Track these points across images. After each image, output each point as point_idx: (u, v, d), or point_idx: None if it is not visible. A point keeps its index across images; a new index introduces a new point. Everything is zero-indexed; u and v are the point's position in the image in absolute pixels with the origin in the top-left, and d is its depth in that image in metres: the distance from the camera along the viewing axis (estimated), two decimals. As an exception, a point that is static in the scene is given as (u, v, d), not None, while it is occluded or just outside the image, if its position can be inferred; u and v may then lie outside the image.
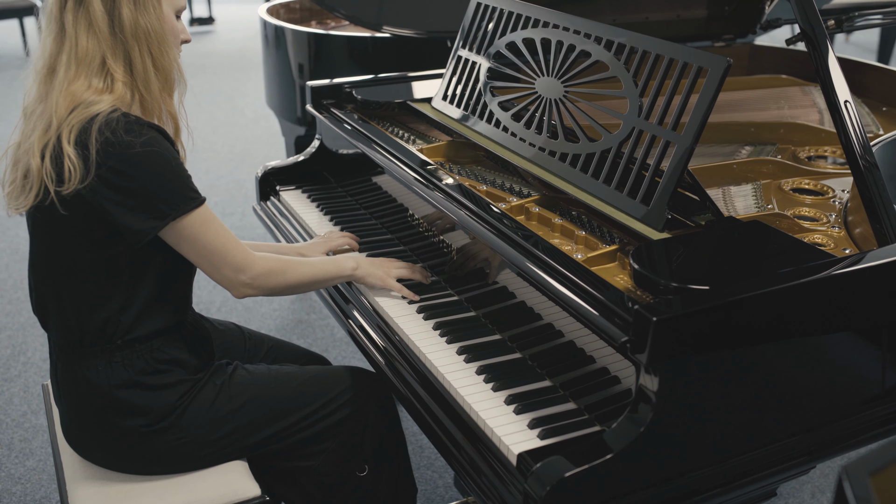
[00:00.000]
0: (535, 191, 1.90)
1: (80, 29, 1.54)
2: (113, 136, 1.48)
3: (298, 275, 1.75)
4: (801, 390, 1.48)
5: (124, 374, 1.62)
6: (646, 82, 1.70)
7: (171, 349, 1.67)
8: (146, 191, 1.51)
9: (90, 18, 1.53)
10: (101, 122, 1.49)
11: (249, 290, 1.68)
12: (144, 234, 1.53)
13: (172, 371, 1.66)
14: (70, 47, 1.54)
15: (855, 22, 2.74)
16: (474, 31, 2.18)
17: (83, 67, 1.54)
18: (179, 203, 1.54)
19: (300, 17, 4.13)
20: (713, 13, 2.88)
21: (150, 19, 1.56)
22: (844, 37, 8.54)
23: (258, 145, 5.47)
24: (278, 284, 1.72)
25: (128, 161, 1.49)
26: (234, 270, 1.64)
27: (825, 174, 2.10)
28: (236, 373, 1.75)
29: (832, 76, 1.64)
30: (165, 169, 1.53)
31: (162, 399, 1.64)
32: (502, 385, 1.55)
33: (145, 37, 1.56)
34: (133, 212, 1.51)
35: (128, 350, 1.63)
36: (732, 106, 2.57)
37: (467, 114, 2.12)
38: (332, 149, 2.47)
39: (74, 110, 1.50)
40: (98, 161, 1.48)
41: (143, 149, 1.49)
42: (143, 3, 1.55)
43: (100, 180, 1.49)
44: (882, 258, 1.46)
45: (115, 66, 1.55)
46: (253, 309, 3.47)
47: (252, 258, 1.66)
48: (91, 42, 1.54)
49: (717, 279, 1.37)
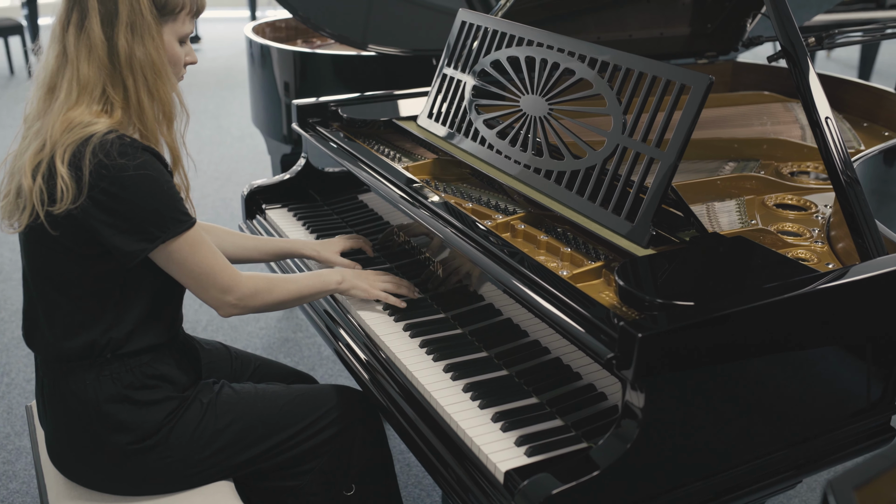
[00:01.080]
0: (520, 208, 1.91)
1: (81, 55, 1.54)
2: (106, 159, 1.48)
3: (284, 292, 1.76)
4: (788, 405, 1.49)
5: (112, 388, 1.62)
6: (629, 99, 1.71)
7: (160, 365, 1.66)
8: (137, 214, 1.51)
9: (90, 45, 1.54)
10: (96, 143, 1.49)
11: (235, 311, 1.69)
12: (134, 255, 1.53)
13: (161, 387, 1.66)
14: (72, 72, 1.54)
15: (835, 39, 2.77)
16: (459, 49, 2.19)
17: (85, 94, 1.54)
18: (170, 226, 1.54)
19: (286, 36, 4.14)
20: (696, 31, 2.91)
21: (146, 50, 1.55)
22: (826, 53, 8.63)
23: (244, 164, 5.47)
24: (264, 303, 1.73)
25: (120, 183, 1.49)
26: (222, 291, 1.64)
27: (808, 190, 2.11)
28: (223, 392, 1.74)
29: (813, 93, 1.65)
30: (157, 192, 1.53)
31: (149, 416, 1.64)
32: (489, 402, 1.55)
33: (140, 67, 1.55)
34: (124, 234, 1.52)
35: (117, 364, 1.62)
36: (716, 122, 2.59)
37: (453, 131, 2.13)
38: (318, 167, 2.47)
39: (70, 131, 1.50)
40: (91, 182, 1.48)
41: (135, 172, 1.49)
42: (140, 34, 1.54)
43: (92, 202, 1.49)
44: (865, 273, 1.47)
45: (114, 94, 1.56)
46: (239, 328, 3.46)
47: (239, 279, 1.66)
48: (92, 70, 1.54)
49: (701, 295, 1.38)
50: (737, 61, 3.14)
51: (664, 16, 2.83)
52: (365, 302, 1.92)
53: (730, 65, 3.11)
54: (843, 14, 6.30)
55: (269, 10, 10.31)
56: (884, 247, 1.56)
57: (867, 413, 1.60)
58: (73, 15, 1.55)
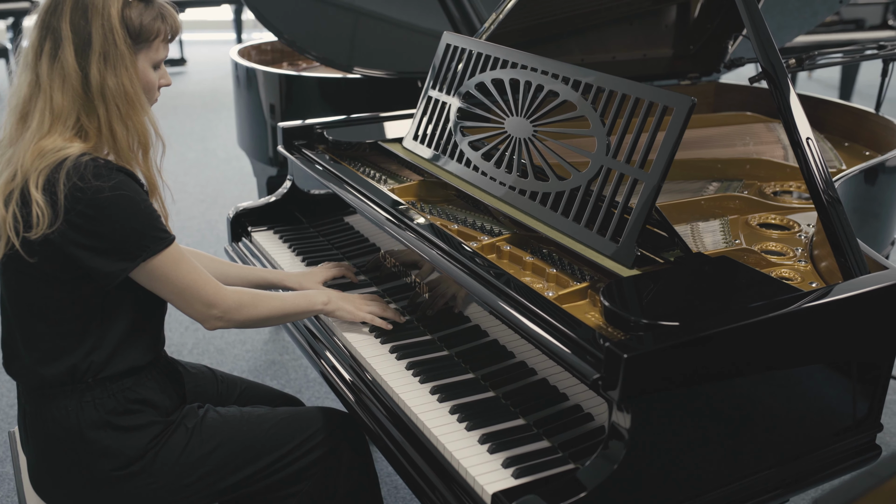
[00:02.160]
0: (506, 229, 1.91)
1: (54, 84, 1.53)
2: (81, 181, 1.48)
3: (269, 308, 1.76)
4: (775, 423, 1.49)
5: (95, 414, 1.60)
6: (613, 121, 1.72)
7: (142, 389, 1.65)
8: (116, 234, 1.51)
9: (64, 74, 1.53)
10: (70, 166, 1.48)
11: (220, 323, 1.68)
12: (115, 276, 1.53)
13: (144, 412, 1.65)
14: (45, 101, 1.54)
15: (816, 60, 2.80)
16: (444, 71, 2.20)
17: (58, 123, 1.54)
18: (150, 244, 1.54)
19: (271, 59, 4.15)
20: (678, 52, 2.94)
21: (119, 80, 1.55)
22: (807, 73, 8.73)
23: (230, 186, 5.46)
24: (249, 317, 1.72)
25: (97, 205, 1.49)
26: (206, 305, 1.64)
27: (791, 209, 2.13)
28: (208, 415, 1.73)
29: (794, 114, 1.67)
30: (135, 211, 1.53)
31: (133, 441, 1.62)
32: (476, 424, 1.55)
33: (112, 97, 1.55)
34: (103, 255, 1.51)
35: (99, 389, 1.61)
36: (699, 143, 2.61)
37: (438, 153, 2.14)
38: (304, 189, 2.47)
39: (42, 157, 1.50)
40: (66, 206, 1.48)
41: (111, 192, 1.49)
42: (113, 63, 1.54)
43: (68, 225, 1.49)
44: (847, 291, 1.48)
45: (88, 123, 1.56)
46: (226, 350, 3.44)
47: (223, 292, 1.66)
48: (66, 99, 1.53)
49: (686, 315, 1.38)
50: (719, 82, 3.18)
51: (647, 38, 2.85)
52: (351, 323, 1.91)
53: (712, 86, 3.14)
54: (824, 35, 6.39)
55: (256, 33, 10.33)
56: (866, 265, 1.58)
57: (853, 431, 1.60)
58: (47, 43, 1.55)
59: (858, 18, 6.62)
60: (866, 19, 6.63)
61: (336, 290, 1.93)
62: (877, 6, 6.64)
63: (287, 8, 3.16)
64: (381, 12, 3.29)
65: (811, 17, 3.10)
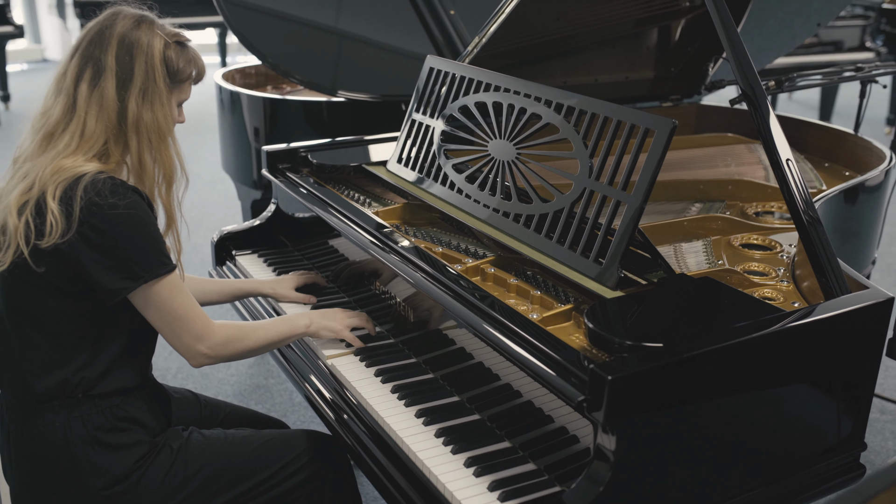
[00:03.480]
0: (490, 251, 1.92)
1: (91, 110, 1.60)
2: (98, 197, 1.53)
3: (255, 339, 1.77)
4: (759, 443, 1.50)
5: (82, 430, 1.60)
6: (595, 143, 1.73)
7: (131, 407, 1.66)
8: (124, 252, 1.55)
9: (102, 103, 1.60)
10: (87, 181, 1.54)
11: (207, 360, 1.69)
12: (117, 293, 1.57)
13: (132, 430, 1.65)
14: (78, 125, 1.60)
15: (795, 82, 2.84)
16: (428, 94, 2.21)
17: (84, 146, 1.60)
18: (153, 267, 1.58)
19: (256, 82, 4.15)
20: (660, 75, 2.97)
21: (154, 115, 1.64)
22: (788, 95, 8.82)
23: (214, 209, 5.45)
24: (236, 351, 1.73)
25: (109, 221, 1.53)
26: (194, 339, 1.65)
27: (773, 229, 2.15)
28: (192, 437, 1.73)
29: (773, 135, 1.69)
30: (144, 232, 1.57)
31: (120, 460, 1.62)
32: (461, 447, 1.54)
33: (146, 131, 1.63)
34: (108, 270, 1.55)
35: (88, 405, 1.62)
36: (682, 164, 2.63)
37: (422, 176, 2.15)
38: (289, 213, 2.47)
39: (60, 172, 1.55)
40: (81, 218, 1.52)
41: (125, 210, 1.54)
42: (150, 100, 1.63)
43: (80, 237, 1.53)
44: (828, 311, 1.49)
45: (114, 149, 1.63)
46: (210, 375, 3.42)
47: (212, 328, 1.67)
48: (99, 126, 1.60)
49: (670, 336, 1.39)
50: (701, 104, 3.21)
51: (629, 60, 2.88)
52: (335, 346, 1.91)
53: (694, 107, 3.17)
54: (804, 57, 6.47)
55: (240, 56, 10.36)
56: (847, 285, 1.59)
57: (838, 450, 1.61)
58: (87, 71, 1.61)
59: (837, 40, 6.71)
60: (844, 41, 6.73)
61: (316, 311, 1.94)
62: (854, 28, 6.74)
63: (271, 31, 3.17)
64: (365, 35, 3.31)
65: (790, 39, 3.13)
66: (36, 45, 10.90)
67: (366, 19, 3.32)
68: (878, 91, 3.09)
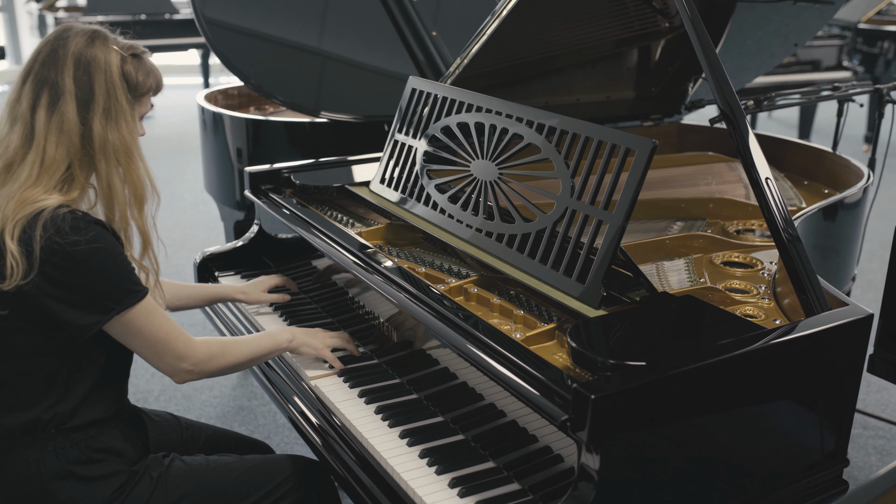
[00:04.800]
0: (473, 271, 1.92)
1: (50, 136, 1.55)
2: (57, 234, 1.48)
3: (237, 355, 1.76)
4: (743, 461, 1.50)
5: (57, 464, 1.58)
6: (577, 163, 1.74)
7: (105, 437, 1.64)
8: (90, 287, 1.52)
9: (62, 128, 1.55)
10: (47, 218, 1.49)
11: (191, 377, 1.69)
12: (88, 329, 1.53)
13: (107, 460, 1.62)
14: (38, 153, 1.54)
15: (774, 101, 2.87)
16: (410, 115, 2.22)
17: (45, 174, 1.54)
18: (124, 298, 1.55)
19: (238, 104, 4.16)
20: (640, 94, 2.99)
21: (120, 135, 1.59)
22: (767, 113, 8.91)
23: (197, 230, 5.44)
24: (219, 367, 1.73)
25: (72, 258, 1.49)
26: (177, 358, 1.64)
27: (753, 247, 2.16)
28: (173, 465, 1.71)
29: (752, 154, 1.70)
30: (110, 265, 1.53)
31: (97, 492, 1.59)
32: (446, 468, 1.54)
33: (114, 152, 1.58)
34: (76, 308, 1.51)
35: (62, 439, 1.59)
36: (663, 183, 2.65)
37: (405, 196, 2.15)
38: (271, 233, 2.46)
39: (22, 207, 1.50)
40: (42, 258, 1.47)
41: (88, 245, 1.49)
42: (115, 119, 1.58)
43: (43, 277, 1.49)
44: (810, 328, 1.50)
45: (79, 174, 1.57)
46: (193, 397, 3.39)
47: (193, 345, 1.67)
48: (60, 152, 1.55)
49: (653, 354, 1.39)
50: (682, 123, 3.23)
51: (610, 80, 2.91)
52: (319, 367, 1.90)
53: (675, 126, 3.19)
54: (782, 76, 6.55)
55: (223, 77, 10.36)
56: (827, 302, 1.60)
57: (821, 466, 1.61)
58: (44, 95, 1.56)
59: (815, 60, 6.81)
60: (822, 60, 6.82)
61: (299, 328, 1.93)
62: (831, 48, 6.85)
63: (253, 53, 3.18)
64: (348, 57, 3.32)
65: (769, 58, 3.17)
66: (17, 66, 10.88)
67: (348, 40, 3.34)
68: (856, 109, 3.13)
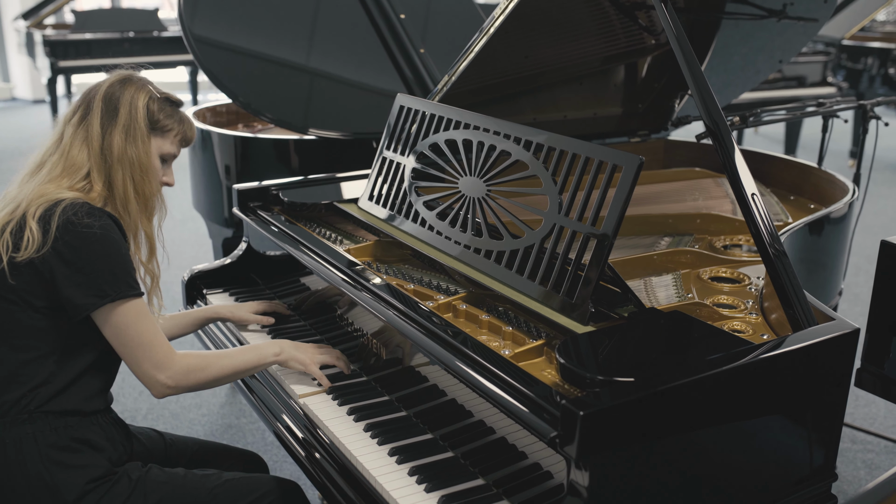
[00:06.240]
0: (462, 288, 1.92)
1: (75, 141, 1.73)
2: (74, 216, 1.62)
3: (219, 369, 1.77)
4: (733, 476, 1.50)
5: (32, 446, 1.61)
6: (564, 179, 1.75)
7: (86, 431, 1.67)
8: (93, 269, 1.61)
9: (87, 135, 1.73)
10: (67, 204, 1.64)
11: (168, 391, 1.70)
12: (84, 308, 1.62)
13: (84, 451, 1.65)
14: (62, 153, 1.73)
15: (760, 117, 2.89)
16: (398, 132, 2.23)
17: (67, 172, 1.71)
18: (121, 287, 1.63)
19: (227, 121, 4.16)
20: (628, 111, 3.01)
21: (137, 151, 1.74)
22: (754, 129, 8.98)
23: (185, 248, 5.42)
24: (199, 381, 1.74)
25: (83, 238, 1.61)
26: (155, 367, 1.67)
27: (741, 262, 2.17)
28: (151, 472, 1.73)
29: (738, 170, 1.72)
30: (115, 253, 1.64)
31: (73, 478, 1.62)
32: (435, 485, 1.53)
33: (129, 164, 1.74)
34: (78, 286, 1.61)
35: (40, 422, 1.63)
36: (650, 199, 2.66)
37: (393, 213, 2.15)
38: (260, 251, 2.46)
39: (43, 196, 1.64)
40: (56, 235, 1.61)
41: (99, 231, 1.62)
42: (132, 136, 1.74)
43: (54, 252, 1.61)
44: (797, 343, 1.51)
45: (97, 180, 1.72)
46: (180, 415, 3.38)
47: (173, 357, 1.69)
48: (81, 155, 1.72)
49: (642, 370, 1.39)
50: (668, 139, 3.25)
51: (597, 97, 2.92)
52: (308, 384, 1.89)
53: (662, 142, 3.21)
54: (768, 92, 6.61)
55: (211, 94, 10.37)
56: (813, 317, 1.61)
57: (810, 481, 1.62)
58: (80, 111, 1.76)
59: (800, 76, 6.87)
60: (807, 76, 6.89)
61: (287, 340, 1.93)
62: (816, 64, 6.92)
63: (241, 70, 3.18)
64: (336, 74, 3.33)
65: (754, 75, 3.20)
66: (5, 83, 10.86)
67: (336, 58, 3.35)
68: (841, 125, 3.16)
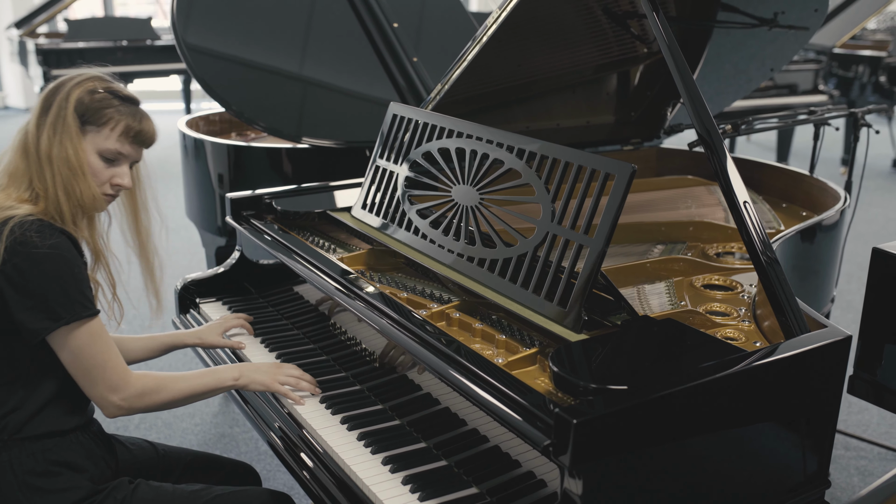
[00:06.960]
0: (455, 296, 1.92)
1: (17, 146, 1.67)
2: (22, 237, 1.55)
3: (174, 392, 1.73)
4: (726, 483, 1.50)
5: (10, 476, 1.58)
6: (557, 188, 1.76)
7: (65, 452, 1.64)
8: (44, 291, 1.56)
9: (25, 139, 1.67)
10: (15, 223, 1.56)
11: (120, 412, 1.67)
12: (37, 333, 1.57)
13: (64, 474, 1.62)
14: (7, 161, 1.68)
15: (752, 126, 2.90)
16: (391, 141, 2.23)
17: (13, 182, 1.65)
18: (75, 308, 1.58)
19: (220, 129, 4.16)
20: (620, 119, 3.02)
21: (63, 148, 1.64)
22: (746, 137, 9.01)
23: (178, 256, 5.41)
24: (153, 402, 1.71)
25: (31, 260, 1.55)
26: (109, 389, 1.64)
27: (733, 270, 2.18)
28: (139, 489, 1.71)
29: (731, 179, 1.72)
30: (66, 273, 1.57)
31: None
32: (429, 494, 1.53)
33: (57, 164, 1.64)
34: (29, 310, 1.56)
35: (16, 449, 1.60)
36: (643, 206, 2.67)
37: (387, 222, 2.15)
38: (253, 259, 2.46)
39: None
40: (4, 258, 1.54)
41: (49, 251, 1.55)
42: (59, 134, 1.65)
43: (3, 276, 1.54)
44: (789, 350, 1.51)
45: (39, 187, 1.65)
46: (173, 424, 3.36)
47: (129, 379, 1.66)
48: (21, 161, 1.66)
49: (635, 378, 1.39)
50: (661, 147, 3.26)
51: (590, 105, 2.93)
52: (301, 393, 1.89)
53: (654, 150, 3.22)
54: (760, 100, 6.64)
55: (205, 103, 10.36)
56: (805, 324, 1.61)
57: (803, 488, 1.62)
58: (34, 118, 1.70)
59: (791, 84, 6.91)
60: (799, 84, 6.92)
61: (247, 363, 1.91)
62: (808, 72, 6.95)
63: (234, 79, 3.18)
64: (329, 82, 3.34)
65: (746, 83, 3.21)
66: (-2, 92, 10.83)
67: (329, 66, 3.35)
68: (832, 132, 3.17)
